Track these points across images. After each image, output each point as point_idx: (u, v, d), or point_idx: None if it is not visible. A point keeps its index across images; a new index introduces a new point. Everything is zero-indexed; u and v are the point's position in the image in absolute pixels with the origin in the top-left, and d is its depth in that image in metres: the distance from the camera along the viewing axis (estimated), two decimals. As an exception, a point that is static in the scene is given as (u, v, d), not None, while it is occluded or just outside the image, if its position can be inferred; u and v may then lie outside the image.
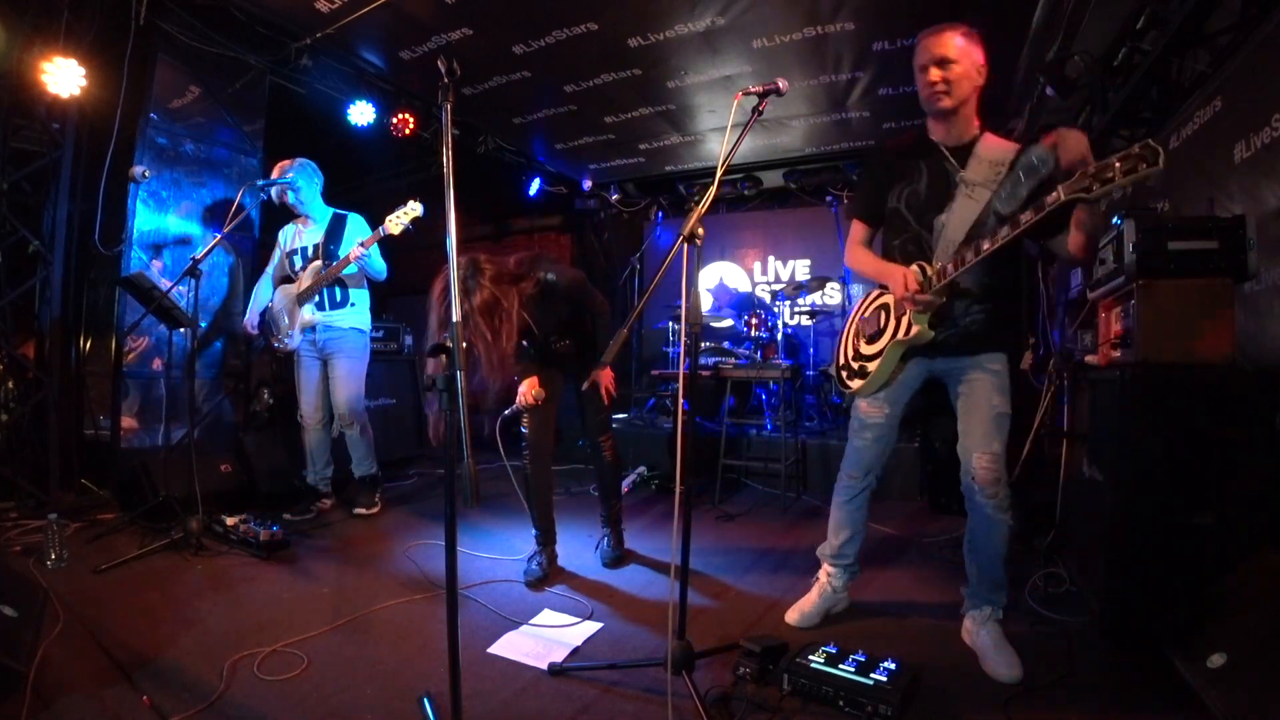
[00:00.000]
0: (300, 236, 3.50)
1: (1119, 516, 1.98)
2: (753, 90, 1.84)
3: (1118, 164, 1.50)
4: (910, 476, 4.13)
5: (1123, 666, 1.90)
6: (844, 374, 2.17)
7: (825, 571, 2.27)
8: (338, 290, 3.42)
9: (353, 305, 3.47)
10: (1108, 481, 2.11)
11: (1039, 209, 1.65)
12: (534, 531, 2.75)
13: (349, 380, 3.44)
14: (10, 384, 3.56)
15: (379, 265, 3.40)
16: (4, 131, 3.43)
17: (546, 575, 2.63)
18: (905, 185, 2.02)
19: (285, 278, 3.52)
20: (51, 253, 3.61)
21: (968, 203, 1.89)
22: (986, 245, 1.76)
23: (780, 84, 1.83)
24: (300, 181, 3.37)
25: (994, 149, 1.92)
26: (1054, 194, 1.61)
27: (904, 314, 1.96)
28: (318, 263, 3.38)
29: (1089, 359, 2.56)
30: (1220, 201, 2.49)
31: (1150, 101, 3.00)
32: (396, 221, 3.17)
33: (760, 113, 1.86)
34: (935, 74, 1.89)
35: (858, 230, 2.18)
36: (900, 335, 1.96)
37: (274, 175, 3.39)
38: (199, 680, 1.75)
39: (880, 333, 2.04)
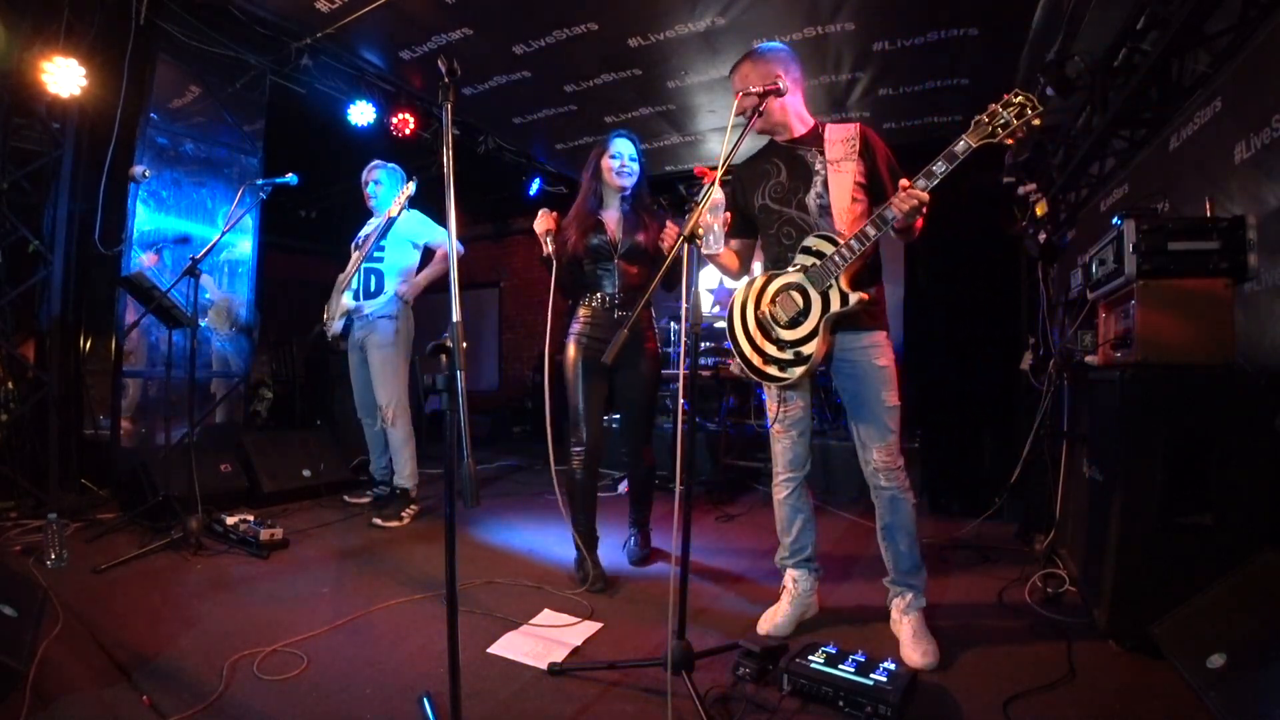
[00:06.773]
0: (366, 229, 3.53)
1: (1119, 517, 1.98)
2: (753, 90, 1.85)
3: (1014, 102, 1.73)
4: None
5: (1123, 666, 1.90)
6: (774, 369, 2.08)
7: (790, 576, 2.25)
8: (372, 279, 3.38)
9: (386, 294, 3.35)
10: (1108, 482, 2.11)
11: (951, 158, 1.75)
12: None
13: (381, 370, 3.34)
14: (10, 384, 3.56)
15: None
16: (4, 130, 3.44)
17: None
18: (764, 183, 2.11)
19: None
20: (51, 252, 3.61)
21: (840, 175, 1.98)
22: (916, 181, 1.78)
23: (780, 84, 1.83)
24: (382, 177, 3.49)
25: (839, 129, 2.03)
26: (962, 142, 1.74)
27: (829, 288, 1.94)
28: (358, 253, 3.40)
29: (1089, 359, 2.56)
30: (1220, 201, 2.49)
31: (1150, 102, 2.99)
32: (396, 204, 3.15)
33: (761, 113, 1.87)
34: (757, 124, 2.00)
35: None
36: (835, 307, 1.95)
37: (365, 171, 3.54)
38: (199, 680, 1.75)
39: (804, 313, 2.00)
